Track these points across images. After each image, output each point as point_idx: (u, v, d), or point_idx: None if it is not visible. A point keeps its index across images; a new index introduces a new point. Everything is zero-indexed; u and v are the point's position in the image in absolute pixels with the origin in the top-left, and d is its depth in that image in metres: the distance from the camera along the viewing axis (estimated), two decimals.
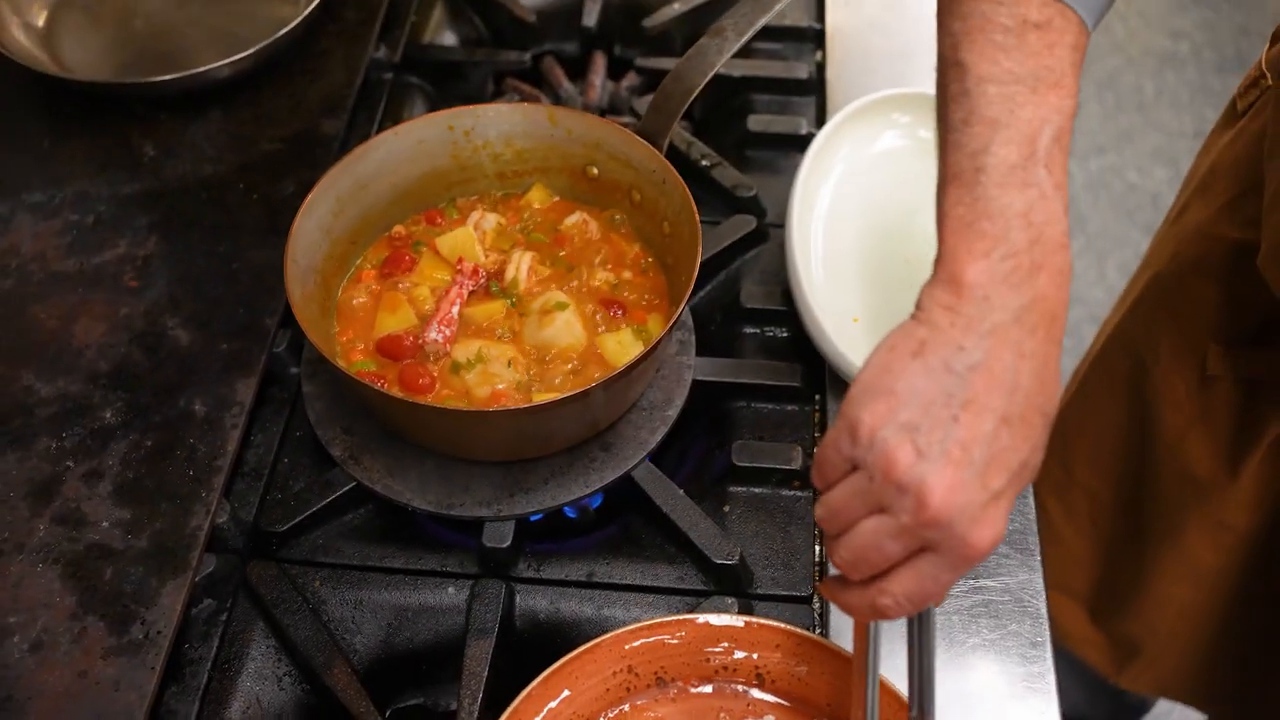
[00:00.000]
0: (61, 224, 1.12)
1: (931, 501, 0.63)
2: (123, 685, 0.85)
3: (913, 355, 0.67)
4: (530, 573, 0.94)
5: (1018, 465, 0.66)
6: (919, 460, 0.64)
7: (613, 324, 1.00)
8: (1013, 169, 0.68)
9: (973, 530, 0.64)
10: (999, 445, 0.65)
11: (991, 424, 0.65)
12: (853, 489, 0.67)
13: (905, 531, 0.65)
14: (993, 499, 0.65)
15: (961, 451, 0.64)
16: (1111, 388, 1.28)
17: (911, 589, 0.67)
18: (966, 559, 0.66)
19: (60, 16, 1.29)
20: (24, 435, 0.97)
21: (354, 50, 1.27)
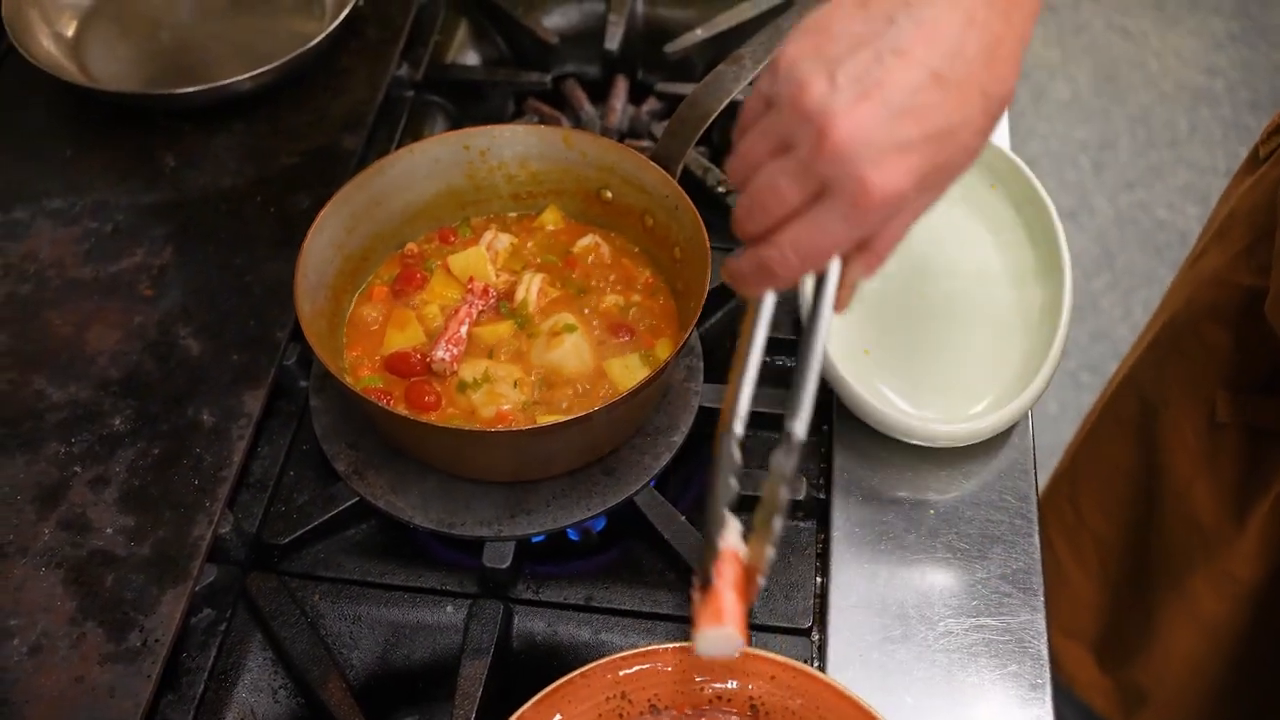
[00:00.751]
0: (80, 231, 1.13)
1: (834, 132, 0.60)
2: (118, 692, 0.85)
3: (857, 5, 0.63)
4: (529, 594, 0.94)
5: (939, 128, 0.62)
6: (831, 91, 0.61)
7: (620, 348, 1.00)
8: None
9: (871, 171, 0.61)
10: (922, 99, 0.61)
11: (920, 76, 0.61)
12: (761, 128, 0.64)
13: (803, 169, 0.62)
14: (899, 148, 0.61)
15: (878, 91, 0.60)
16: (1122, 430, 1.27)
17: (799, 237, 0.64)
18: (859, 208, 0.62)
19: (89, 27, 1.31)
20: (33, 439, 0.98)
21: (376, 68, 1.28)
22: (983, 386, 1.01)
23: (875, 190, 0.61)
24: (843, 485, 0.98)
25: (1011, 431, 1.01)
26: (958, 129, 0.63)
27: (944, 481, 0.98)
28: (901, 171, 0.61)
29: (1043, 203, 1.09)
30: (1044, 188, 1.11)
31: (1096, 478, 1.31)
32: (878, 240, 0.67)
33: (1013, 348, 1.03)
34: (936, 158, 0.63)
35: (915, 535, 0.95)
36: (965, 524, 0.96)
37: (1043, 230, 1.09)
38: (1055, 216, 1.08)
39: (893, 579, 0.93)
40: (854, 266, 0.69)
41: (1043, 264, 1.08)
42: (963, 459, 0.99)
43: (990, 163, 1.13)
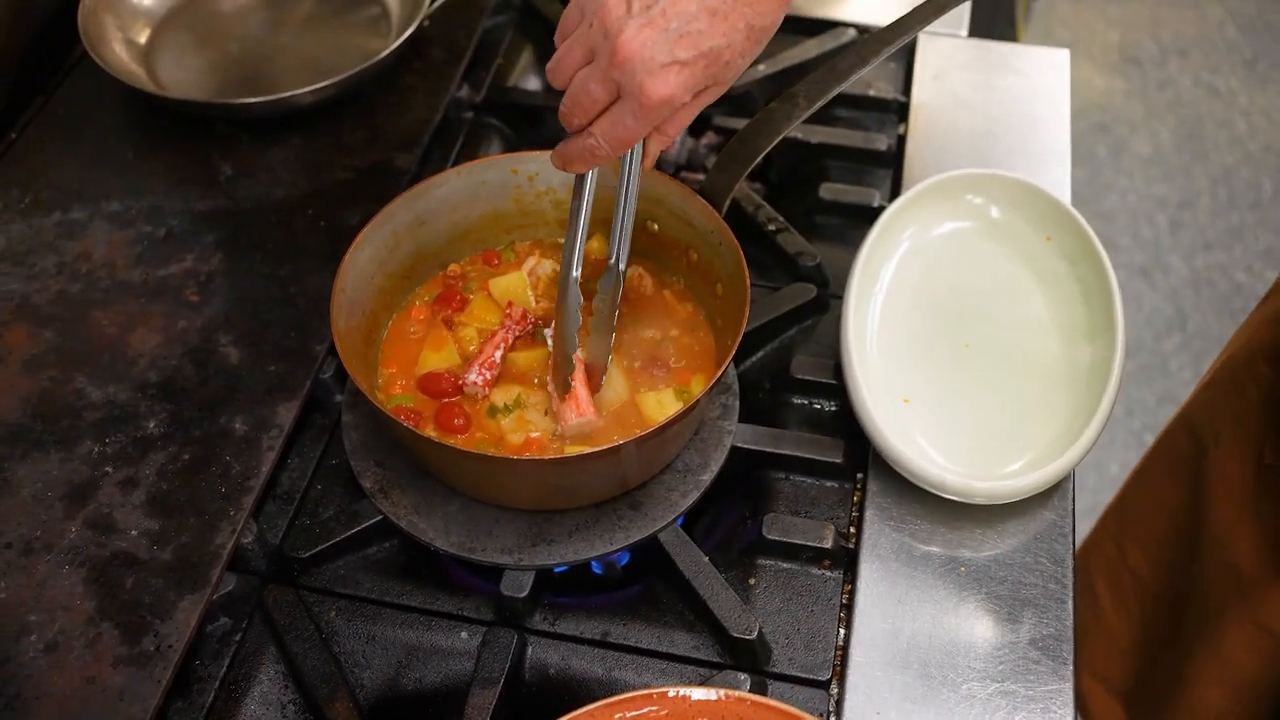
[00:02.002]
0: (134, 234, 1.14)
1: (622, 47, 0.77)
2: (127, 696, 0.85)
3: None
4: (545, 625, 0.93)
5: (707, 49, 0.78)
6: (626, 14, 0.78)
7: (655, 382, 0.99)
8: None
9: (649, 80, 0.78)
10: (696, 26, 0.78)
11: (695, 7, 0.77)
12: (576, 35, 0.81)
13: (603, 75, 0.79)
14: (675, 63, 0.78)
15: (661, 18, 0.77)
16: (1171, 468, 1.24)
17: (607, 128, 0.82)
18: (644, 107, 0.79)
19: (162, 35, 1.33)
20: (69, 437, 0.99)
21: (437, 88, 1.29)
22: (1024, 444, 0.99)
23: (654, 95, 0.79)
24: (872, 536, 0.96)
25: (1052, 492, 0.98)
26: (722, 50, 0.79)
27: (977, 539, 0.95)
28: (675, 81, 0.79)
29: (1099, 258, 1.06)
30: (1118, 243, 1.09)
31: (1142, 515, 1.28)
32: (669, 125, 0.85)
33: (1058, 406, 1.00)
34: (706, 71, 0.80)
35: (944, 592, 0.93)
36: (997, 584, 0.93)
37: (1097, 286, 1.06)
38: (1111, 273, 1.05)
39: (917, 636, 0.90)
40: (652, 142, 0.88)
41: (1095, 321, 1.05)
42: (999, 517, 0.97)
43: (1046, 213, 1.11)
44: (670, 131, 0.86)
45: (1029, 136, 1.26)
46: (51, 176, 1.20)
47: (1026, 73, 1.32)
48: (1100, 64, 3.46)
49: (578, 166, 0.88)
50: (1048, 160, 1.24)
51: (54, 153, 1.23)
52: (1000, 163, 1.22)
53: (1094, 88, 3.39)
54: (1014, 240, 1.12)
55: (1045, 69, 1.32)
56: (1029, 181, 1.11)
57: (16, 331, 1.07)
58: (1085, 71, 3.42)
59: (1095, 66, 3.45)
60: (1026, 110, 1.28)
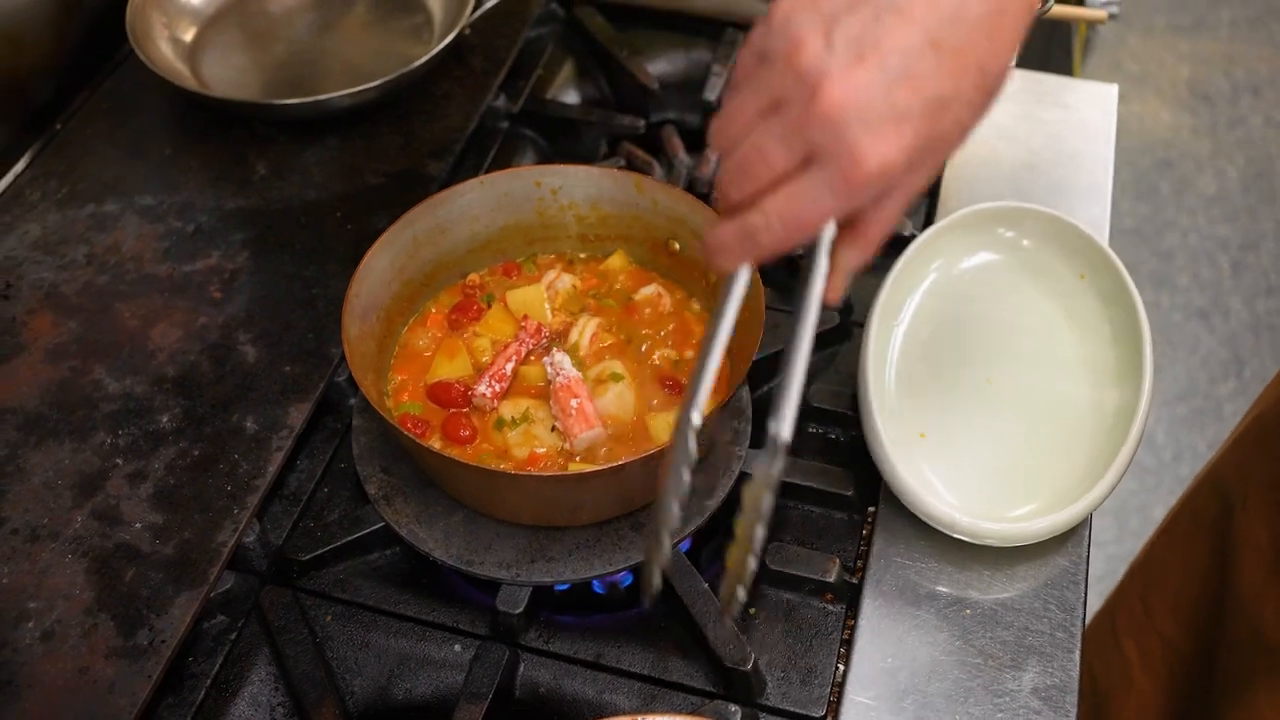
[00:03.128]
0: (164, 229, 1.16)
1: (827, 93, 0.57)
2: (117, 689, 0.85)
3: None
4: (539, 643, 0.92)
5: (933, 97, 0.58)
6: (826, 50, 0.58)
7: (667, 403, 0.97)
8: None
9: (864, 139, 0.57)
10: (919, 66, 0.58)
11: (918, 39, 0.58)
12: (752, 84, 0.61)
13: (793, 131, 0.59)
14: (895, 117, 0.58)
15: (875, 53, 0.57)
16: (1197, 529, 1.20)
17: (784, 205, 0.61)
18: (849, 178, 0.58)
19: (208, 34, 1.35)
20: (84, 427, 1.00)
21: (474, 96, 1.29)
22: (1039, 486, 0.96)
23: (867, 160, 0.58)
24: (878, 572, 0.94)
25: (1066, 538, 0.95)
26: (951, 101, 0.59)
27: (986, 581, 0.93)
28: (895, 142, 0.58)
29: (1132, 300, 1.03)
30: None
31: (1167, 575, 1.24)
32: (869, 223, 0.63)
33: (1078, 449, 0.98)
34: (930, 130, 0.59)
35: (947, 634, 0.90)
36: (1002, 629, 0.90)
37: (1128, 329, 1.03)
38: (1143, 316, 1.02)
39: (916, 677, 0.88)
40: (845, 252, 0.65)
41: (1124, 364, 1.02)
42: (1009, 560, 0.94)
43: (1080, 251, 1.08)
44: (872, 234, 0.63)
45: (1071, 172, 1.23)
46: (90, 169, 1.22)
47: (1073, 107, 1.30)
48: (1169, 99, 3.39)
49: (730, 258, 0.66)
50: (1088, 197, 1.21)
51: (94, 146, 1.24)
52: (1039, 197, 1.20)
53: (1161, 123, 3.32)
54: (1045, 277, 1.09)
55: (1093, 104, 1.30)
56: (1064, 217, 1.08)
57: (42, 319, 1.08)
58: (1153, 106, 3.36)
59: (1163, 101, 3.38)
60: (1070, 145, 1.26)
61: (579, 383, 0.95)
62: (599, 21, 1.39)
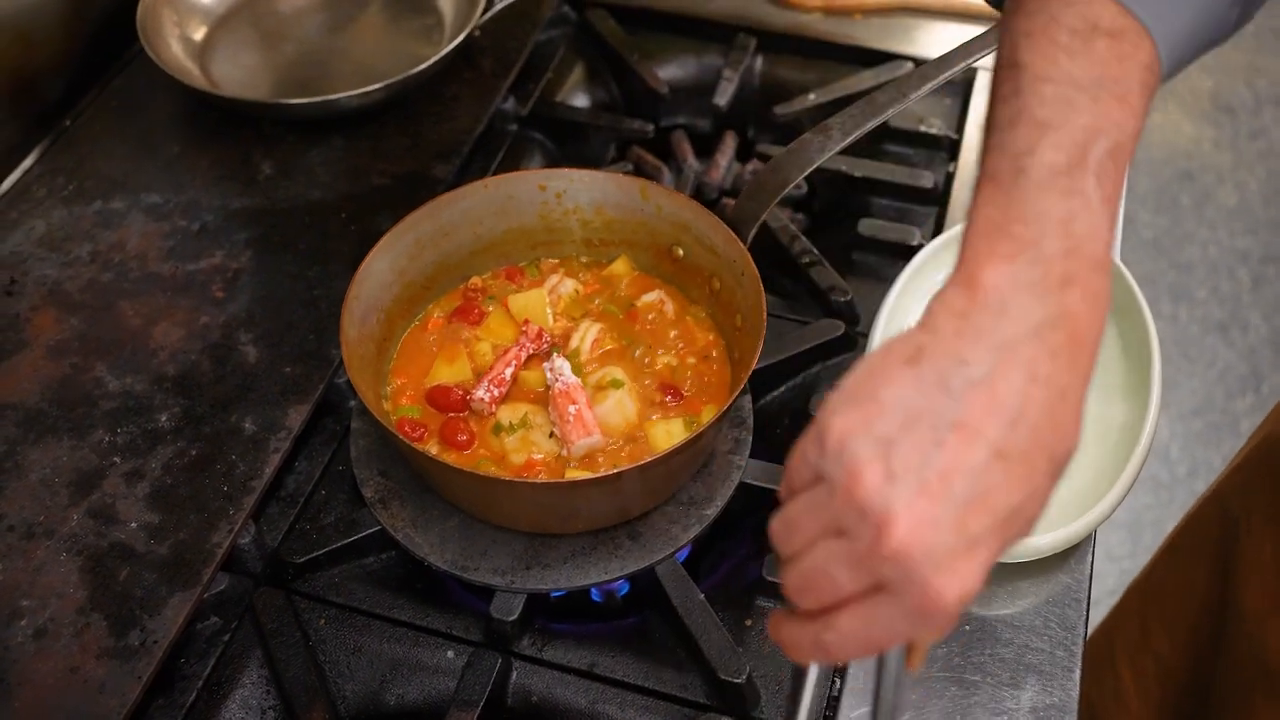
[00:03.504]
0: (169, 228, 1.15)
1: (893, 534, 0.54)
2: (107, 689, 0.85)
3: (906, 362, 0.57)
4: (532, 650, 0.91)
5: (1006, 511, 0.55)
6: (888, 482, 0.54)
7: (667, 411, 0.97)
8: (1057, 173, 0.59)
9: (936, 578, 0.54)
10: (987, 482, 0.54)
11: (983, 455, 0.55)
12: (812, 503, 0.58)
13: (860, 562, 0.56)
14: (968, 546, 0.54)
15: (940, 482, 0.54)
16: (1200, 550, 1.18)
17: (858, 630, 0.57)
18: (925, 612, 0.55)
19: (219, 33, 1.35)
20: (83, 425, 1.00)
21: (482, 98, 1.28)
22: None
23: (943, 598, 0.54)
24: None
25: (1069, 554, 0.94)
26: (1023, 505, 0.56)
27: (985, 597, 0.92)
28: (970, 572, 0.55)
29: (1142, 315, 1.02)
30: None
31: (1168, 596, 1.22)
32: None
33: (1083, 465, 0.96)
34: (1005, 542, 0.56)
35: (944, 649, 0.89)
36: (1002, 646, 0.89)
37: (1137, 344, 1.02)
38: (1153, 331, 1.01)
39: (913, 694, 0.87)
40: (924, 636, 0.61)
41: (1132, 380, 1.01)
42: (1010, 575, 0.93)
43: None
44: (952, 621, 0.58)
45: None
46: (97, 165, 1.22)
47: None
48: (1191, 110, 3.36)
49: (804, 659, 0.63)
50: None
51: (103, 143, 1.24)
52: None
53: (1182, 134, 3.30)
54: None
55: None
56: None
57: (45, 316, 1.08)
58: (1174, 117, 3.34)
59: (1185, 113, 3.35)
60: None
61: (578, 389, 0.95)
62: (610, 25, 1.39)
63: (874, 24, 1.38)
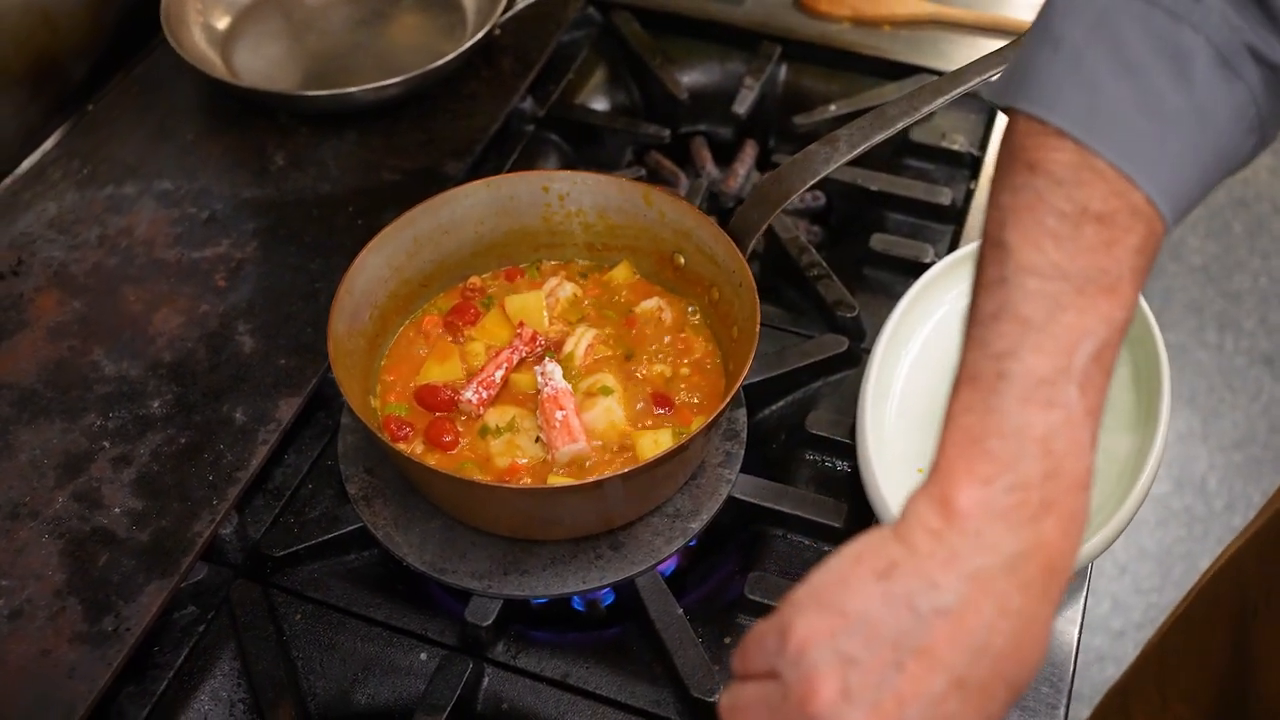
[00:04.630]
0: (178, 214, 1.16)
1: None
2: (77, 674, 0.85)
3: (878, 576, 0.57)
4: (506, 657, 0.90)
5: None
6: (843, 699, 0.54)
7: (657, 421, 0.95)
8: (1040, 383, 0.58)
9: None
10: (942, 711, 0.54)
11: (941, 684, 0.54)
12: (763, 696, 0.57)
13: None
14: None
15: (895, 707, 0.54)
16: (1216, 622, 1.13)
17: None
18: None
19: (242, 23, 1.35)
20: (76, 407, 1.00)
21: (500, 97, 1.28)
22: None
23: None
24: None
25: None
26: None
27: None
28: None
29: (1154, 345, 0.99)
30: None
31: (1185, 665, 1.17)
32: None
33: None
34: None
35: None
36: None
37: (1148, 374, 0.98)
38: (1164, 362, 0.97)
39: None
40: None
41: (1141, 410, 0.97)
42: None
43: None
44: None
45: None
46: (114, 150, 1.22)
47: None
48: None
49: None
50: None
51: (121, 128, 1.25)
52: None
53: None
54: None
55: None
56: None
57: (49, 297, 1.08)
58: None
59: None
60: None
61: (567, 394, 0.93)
62: (635, 28, 1.37)
63: (902, 36, 1.36)
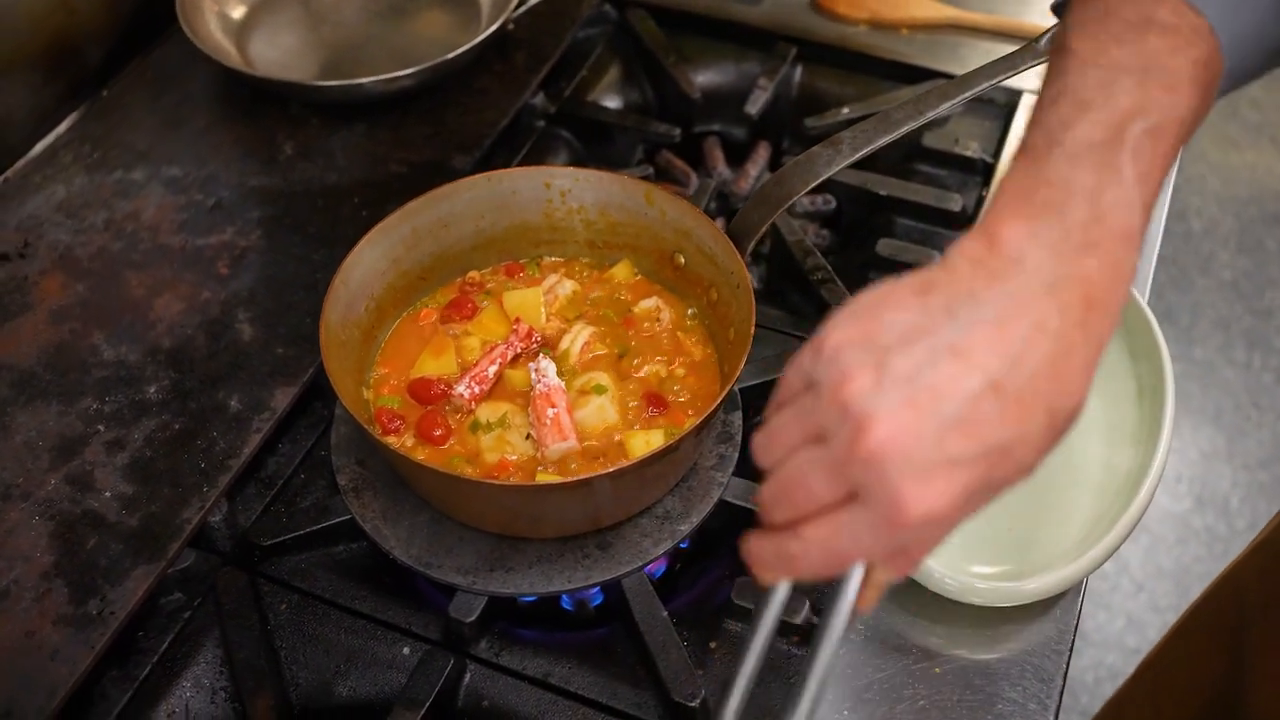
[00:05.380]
0: (185, 201, 1.16)
1: (872, 433, 0.54)
2: (59, 657, 0.85)
3: (915, 291, 0.57)
4: (489, 654, 0.90)
5: (992, 444, 0.54)
6: (875, 388, 0.54)
7: (650, 421, 0.94)
8: (1091, 147, 0.59)
9: (907, 485, 0.53)
10: (977, 411, 0.54)
11: (977, 384, 0.54)
12: (798, 410, 0.58)
13: (836, 466, 0.56)
14: (946, 465, 0.54)
15: (929, 397, 0.54)
16: (1212, 634, 1.11)
17: (824, 538, 0.57)
18: (891, 522, 0.54)
19: (259, 12, 1.36)
20: (73, 390, 1.00)
21: (511, 92, 1.27)
22: (1031, 546, 0.91)
23: (910, 509, 0.54)
24: None
25: (1055, 603, 0.90)
26: (1014, 446, 0.55)
27: (962, 639, 0.88)
28: (943, 491, 0.54)
29: (1160, 359, 0.97)
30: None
31: (1179, 680, 1.15)
32: (910, 546, 0.58)
33: (1081, 510, 0.92)
34: (985, 476, 0.55)
35: (913, 691, 0.85)
36: (972, 693, 0.85)
37: (1153, 389, 0.97)
38: (1169, 378, 0.96)
39: None
40: (882, 568, 0.60)
41: (1144, 425, 0.96)
42: (991, 620, 0.89)
43: None
44: (914, 554, 0.58)
45: None
46: (125, 135, 1.23)
47: None
48: None
49: (768, 574, 0.62)
50: None
51: (133, 113, 1.25)
52: None
53: (1274, 175, 3.18)
54: None
55: None
56: None
57: (53, 280, 1.09)
58: (1267, 156, 3.22)
59: (1279, 152, 3.23)
60: None
61: (559, 392, 0.93)
62: (650, 26, 1.37)
63: (919, 40, 1.34)
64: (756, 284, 1.14)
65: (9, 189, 1.17)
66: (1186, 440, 2.61)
